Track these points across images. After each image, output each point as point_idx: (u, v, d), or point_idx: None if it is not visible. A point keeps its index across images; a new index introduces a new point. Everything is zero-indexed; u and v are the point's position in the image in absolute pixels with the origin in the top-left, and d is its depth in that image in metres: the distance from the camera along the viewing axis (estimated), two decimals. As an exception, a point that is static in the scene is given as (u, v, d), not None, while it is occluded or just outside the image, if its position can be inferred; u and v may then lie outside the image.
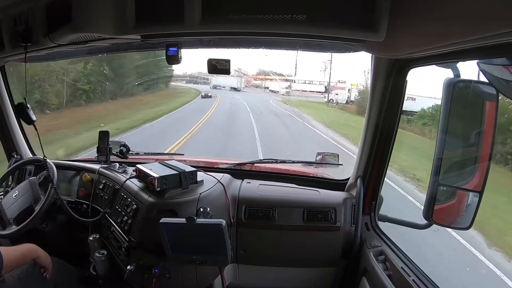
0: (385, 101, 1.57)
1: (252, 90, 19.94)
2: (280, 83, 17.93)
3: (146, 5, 1.23)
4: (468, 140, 1.25)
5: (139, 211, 1.62)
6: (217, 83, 19.06)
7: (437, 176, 1.24)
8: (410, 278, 1.38)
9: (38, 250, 1.59)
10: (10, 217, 1.81)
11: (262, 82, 20.03)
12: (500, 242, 4.58)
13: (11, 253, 1.44)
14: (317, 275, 1.90)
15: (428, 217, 1.29)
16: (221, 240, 1.36)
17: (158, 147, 7.01)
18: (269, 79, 18.53)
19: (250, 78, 20.47)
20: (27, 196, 1.89)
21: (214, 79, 18.68)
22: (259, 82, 20.27)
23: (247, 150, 7.85)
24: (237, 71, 17.88)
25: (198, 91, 18.73)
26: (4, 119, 2.15)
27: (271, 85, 19.11)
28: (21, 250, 1.52)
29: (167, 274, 1.56)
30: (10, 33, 1.52)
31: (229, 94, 18.66)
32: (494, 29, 0.77)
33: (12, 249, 1.49)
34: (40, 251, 1.59)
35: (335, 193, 1.88)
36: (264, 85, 19.62)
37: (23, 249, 1.53)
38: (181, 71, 19.48)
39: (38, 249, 1.58)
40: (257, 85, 20.43)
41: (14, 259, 1.45)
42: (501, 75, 1.02)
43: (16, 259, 1.46)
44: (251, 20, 1.16)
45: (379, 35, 1.13)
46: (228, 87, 19.33)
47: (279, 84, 18.04)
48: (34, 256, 1.56)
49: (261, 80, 19.89)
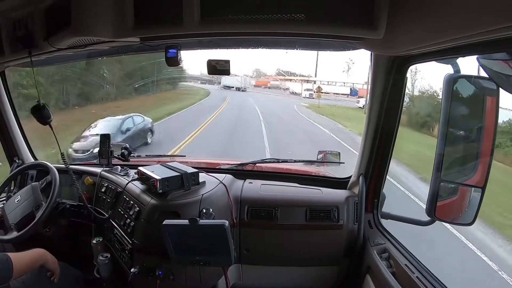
0: (385, 99, 1.57)
1: (272, 91, 18.51)
2: (301, 84, 16.79)
3: (144, 7, 1.23)
4: (470, 136, 1.25)
5: (142, 213, 1.62)
6: (227, 83, 17.17)
7: (439, 172, 1.24)
8: (414, 275, 1.38)
9: (47, 254, 1.59)
10: (12, 222, 1.80)
11: (281, 83, 18.87)
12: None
13: (21, 259, 1.44)
14: (320, 274, 1.90)
15: (431, 213, 1.29)
16: (224, 240, 1.36)
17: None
18: (289, 79, 17.63)
19: (269, 78, 19.53)
20: (29, 201, 1.88)
21: (223, 79, 16.35)
22: (278, 83, 19.10)
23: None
24: (255, 71, 17.55)
25: (207, 91, 16.99)
26: (5, 123, 2.16)
27: (292, 87, 17.90)
28: (30, 256, 1.51)
29: (171, 276, 1.56)
30: (10, 37, 1.52)
31: (237, 98, 16.12)
32: (493, 23, 0.77)
33: (22, 255, 1.48)
34: (49, 256, 1.59)
35: (337, 192, 1.88)
36: (284, 86, 18.47)
37: (32, 255, 1.52)
38: (199, 72, 16.91)
39: (46, 253, 1.58)
40: (276, 86, 19.14)
41: (24, 265, 1.44)
42: (501, 69, 1.02)
43: (26, 265, 1.46)
44: (249, 20, 1.16)
45: (378, 32, 1.13)
46: (235, 88, 17.72)
47: (301, 85, 16.81)
48: (43, 261, 1.56)
49: (280, 81, 18.82)
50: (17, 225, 1.80)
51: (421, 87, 10.33)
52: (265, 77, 20.07)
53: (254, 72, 16.91)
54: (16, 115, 2.19)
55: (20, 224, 1.80)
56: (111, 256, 1.80)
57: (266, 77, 20.06)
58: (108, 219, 1.84)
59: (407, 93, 1.50)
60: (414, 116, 9.48)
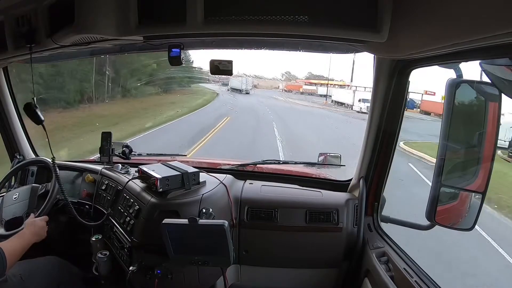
0: (387, 102, 1.57)
1: (305, 98, 14.83)
2: (353, 91, 13.19)
3: (148, 6, 1.23)
4: (471, 141, 1.25)
5: (142, 211, 1.62)
6: (234, 85, 14.48)
7: (439, 176, 1.24)
8: (412, 279, 1.37)
9: (31, 227, 1.57)
10: (3, 218, 1.79)
11: (316, 87, 15.76)
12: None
13: (11, 247, 1.42)
14: (319, 276, 1.90)
15: (431, 218, 1.29)
16: (224, 241, 1.36)
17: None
18: (327, 83, 14.67)
19: (301, 82, 16.80)
20: (23, 205, 1.85)
21: (232, 81, 13.79)
22: (314, 87, 16.02)
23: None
24: (285, 74, 15.00)
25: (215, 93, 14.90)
26: (7, 119, 2.16)
27: (337, 94, 14.24)
28: (20, 242, 1.49)
29: (170, 275, 1.56)
30: (13, 34, 1.53)
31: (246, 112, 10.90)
32: (496, 29, 0.77)
33: (12, 243, 1.46)
34: (32, 228, 1.58)
35: (337, 194, 1.88)
36: (319, 91, 15.07)
37: (21, 239, 1.50)
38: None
39: (29, 232, 1.56)
40: (311, 92, 16.10)
41: (16, 252, 1.43)
42: (504, 75, 1.02)
43: (18, 251, 1.45)
44: (253, 21, 1.16)
45: (381, 35, 1.13)
46: (244, 91, 14.76)
47: (352, 93, 13.06)
48: (31, 242, 1.54)
49: (315, 85, 15.90)
50: (7, 223, 1.78)
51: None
52: (295, 81, 17.28)
53: (284, 75, 14.79)
54: (18, 111, 2.19)
55: (9, 223, 1.78)
56: (110, 254, 1.80)
57: (296, 81, 17.31)
58: (107, 216, 1.84)
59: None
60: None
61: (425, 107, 11.36)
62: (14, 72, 2.16)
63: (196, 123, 10.16)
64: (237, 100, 13.46)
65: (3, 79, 2.08)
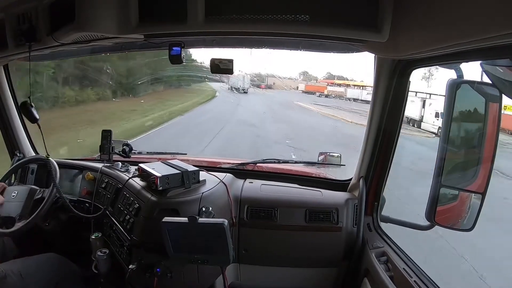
0: (388, 102, 1.57)
1: (337, 104, 12.82)
2: (421, 100, 10.30)
3: (149, 4, 1.23)
4: (471, 142, 1.25)
5: (141, 210, 1.63)
6: (233, 84, 13.53)
7: (439, 177, 1.24)
8: (412, 279, 1.38)
9: None
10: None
11: (345, 89, 13.43)
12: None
13: None
14: (318, 276, 1.90)
15: (431, 218, 1.29)
16: (223, 239, 1.36)
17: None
18: (357, 84, 12.95)
19: (323, 83, 14.68)
20: (17, 206, 1.83)
21: (231, 79, 12.87)
22: (342, 89, 13.47)
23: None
24: (303, 73, 13.81)
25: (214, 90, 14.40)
26: (7, 117, 2.16)
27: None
28: None
29: (169, 274, 1.56)
30: (14, 31, 1.52)
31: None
32: (497, 30, 0.77)
33: None
34: None
35: (337, 194, 1.88)
36: (347, 94, 12.75)
37: None
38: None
39: None
40: (338, 94, 13.52)
41: None
42: (505, 76, 1.02)
43: None
44: (254, 20, 1.16)
45: (382, 35, 1.13)
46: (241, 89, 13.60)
47: (420, 102, 10.17)
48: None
49: (341, 86, 13.63)
50: (0, 219, 1.76)
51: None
52: (317, 81, 15.08)
53: (301, 75, 13.52)
54: (18, 109, 2.19)
55: (3, 220, 1.76)
56: (110, 252, 1.80)
57: (318, 81, 15.13)
58: (107, 214, 1.84)
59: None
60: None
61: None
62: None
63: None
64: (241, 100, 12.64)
65: (4, 77, 2.08)
